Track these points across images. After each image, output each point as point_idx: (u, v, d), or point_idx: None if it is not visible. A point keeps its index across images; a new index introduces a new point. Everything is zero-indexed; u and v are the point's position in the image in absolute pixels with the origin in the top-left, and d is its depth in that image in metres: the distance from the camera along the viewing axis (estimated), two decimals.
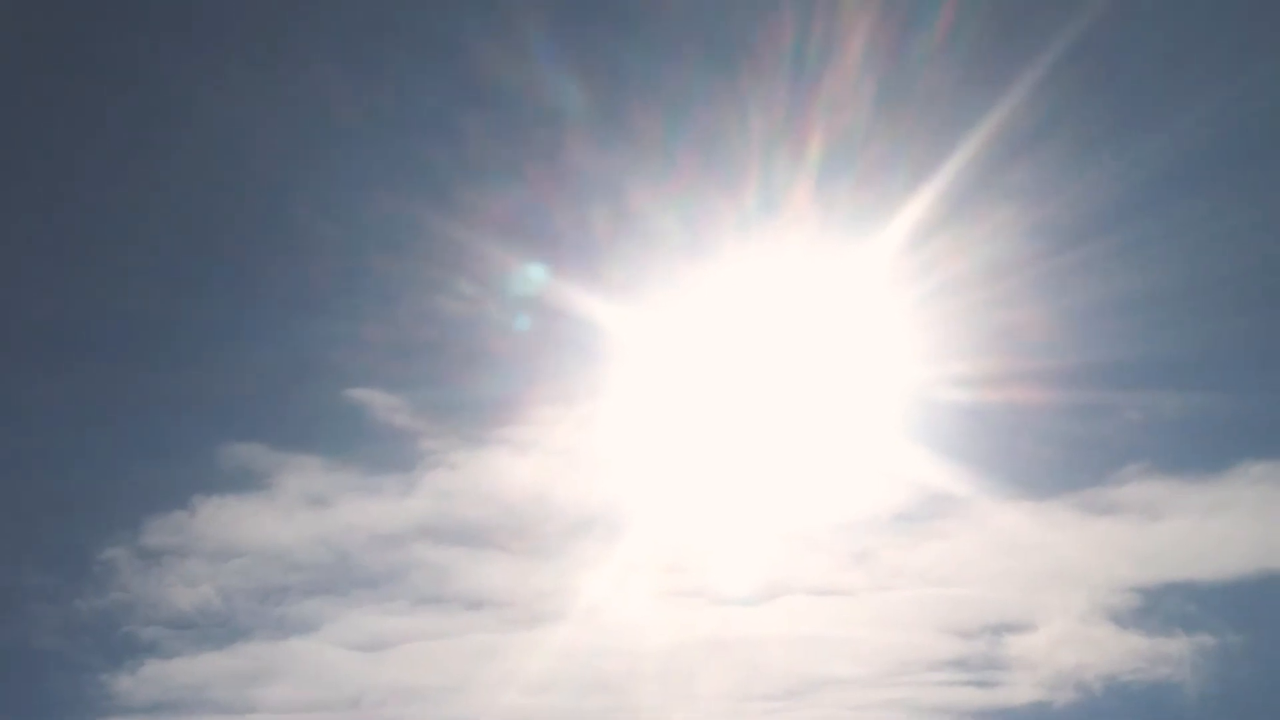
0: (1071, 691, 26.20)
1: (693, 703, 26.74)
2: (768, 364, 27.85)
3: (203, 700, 26.87)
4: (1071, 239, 26.28)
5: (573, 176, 27.80)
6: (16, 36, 28.17)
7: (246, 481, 28.70)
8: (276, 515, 28.72)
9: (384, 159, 28.66)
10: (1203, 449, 27.52)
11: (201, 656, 27.41)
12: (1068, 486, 27.45)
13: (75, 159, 29.04)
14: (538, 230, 27.86)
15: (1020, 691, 26.45)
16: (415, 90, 28.29)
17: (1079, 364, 26.72)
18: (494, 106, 27.88)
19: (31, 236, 29.21)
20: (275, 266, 28.88)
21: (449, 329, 28.43)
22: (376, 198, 28.37)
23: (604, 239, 27.72)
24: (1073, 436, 27.48)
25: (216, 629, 27.63)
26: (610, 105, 27.38)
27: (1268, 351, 26.97)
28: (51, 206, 29.30)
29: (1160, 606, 26.41)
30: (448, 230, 27.55)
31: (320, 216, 28.84)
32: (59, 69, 28.66)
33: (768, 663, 27.15)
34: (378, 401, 28.96)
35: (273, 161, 28.29)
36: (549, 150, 27.82)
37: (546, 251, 27.54)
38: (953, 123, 25.70)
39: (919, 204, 25.73)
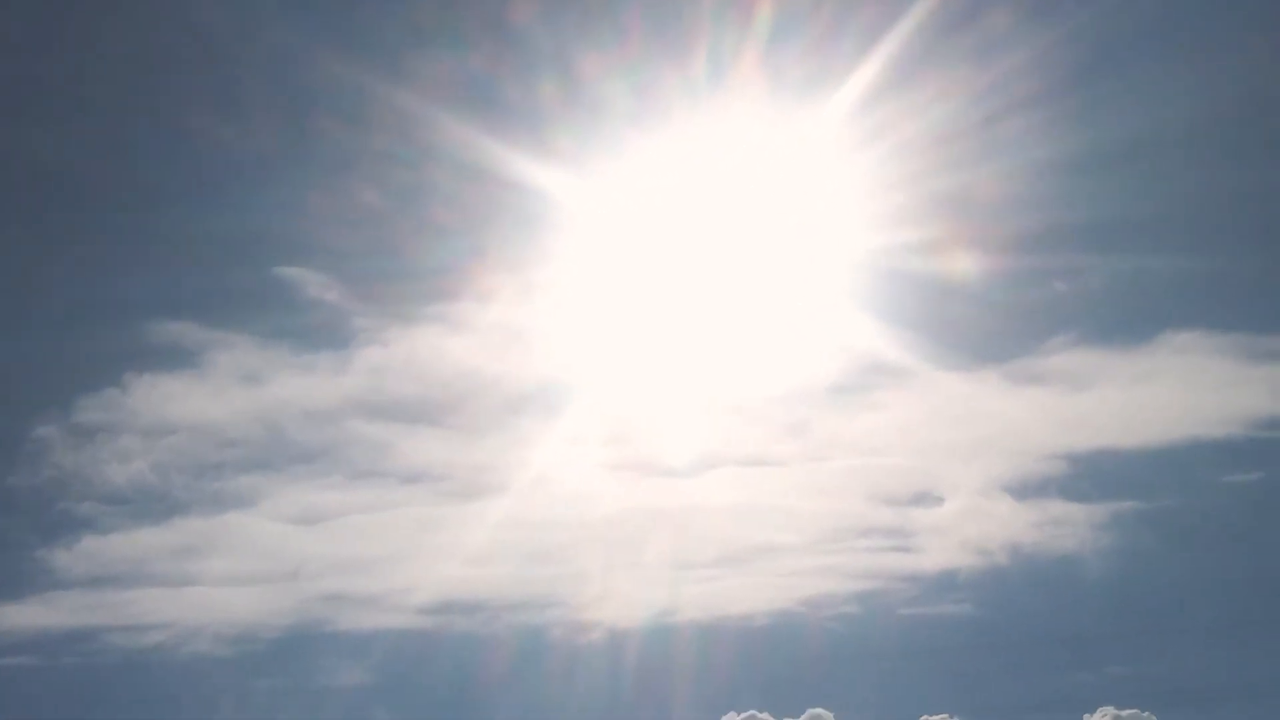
0: (994, 556, 26.76)
1: (633, 570, 27.14)
2: (712, 233, 27.95)
3: (142, 574, 26.93)
4: (1013, 105, 26.42)
5: (520, 44, 27.65)
6: None
7: (178, 359, 28.61)
8: (209, 392, 28.63)
9: (331, 23, 28.19)
10: (1129, 319, 28.03)
11: (139, 531, 27.40)
12: (998, 356, 27.92)
13: (18, 26, 28.28)
14: (484, 98, 27.52)
15: (945, 556, 26.96)
16: None
17: (1014, 230, 27.03)
18: None
19: None
20: (216, 129, 28.36)
21: (393, 198, 28.24)
22: (322, 62, 27.84)
23: (551, 107, 27.50)
24: (1005, 305, 27.83)
25: (153, 504, 27.58)
26: None
27: (1194, 216, 27.40)
28: None
29: (1087, 473, 26.96)
30: (394, 97, 27.23)
31: (265, 79, 28.44)
32: None
33: (705, 531, 27.56)
34: (310, 279, 28.80)
35: (217, 20, 27.77)
36: (495, 17, 27.60)
37: (492, 120, 27.21)
38: None
39: (867, 70, 25.62)
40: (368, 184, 28.15)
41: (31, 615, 26.20)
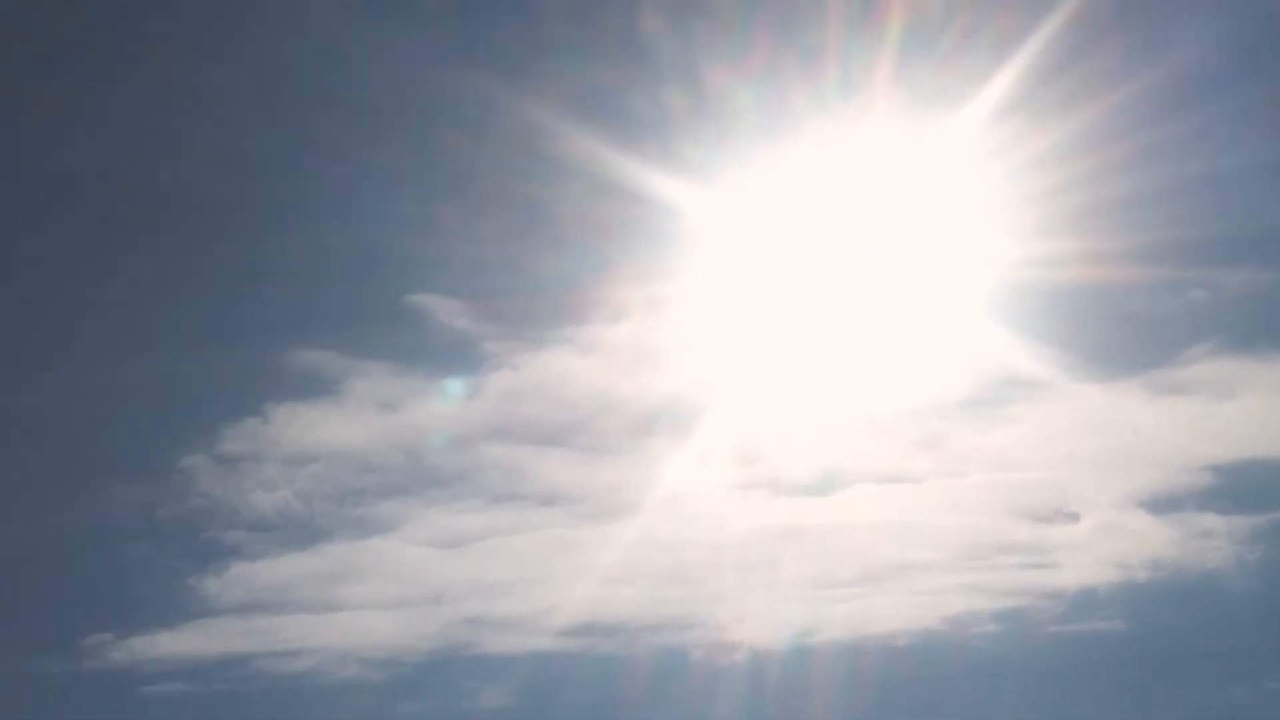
0: (1139, 571, 26.39)
1: (772, 590, 27.06)
2: (843, 246, 27.79)
3: (288, 600, 27.43)
4: (1152, 116, 25.94)
5: (648, 55, 27.44)
6: None
7: (317, 388, 28.99)
8: (348, 420, 29.03)
9: (458, 36, 28.39)
10: (1270, 326, 27.41)
11: (285, 558, 27.92)
12: (1137, 367, 27.46)
13: (147, 39, 28.74)
14: (612, 110, 27.57)
15: (1089, 572, 26.61)
16: None
17: (1150, 242, 26.53)
18: None
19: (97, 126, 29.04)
20: (343, 143, 28.47)
21: (520, 212, 28.45)
22: (449, 75, 28.04)
23: (680, 119, 27.44)
24: (1142, 316, 27.46)
25: (298, 531, 28.09)
26: None
27: None
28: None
29: (1232, 485, 26.46)
30: (521, 110, 27.37)
31: (391, 94, 28.78)
32: None
33: (843, 549, 27.42)
34: (441, 306, 29.11)
35: (344, 34, 28.08)
36: (624, 29, 27.48)
37: (620, 132, 27.16)
38: None
39: (1003, 80, 25.40)
40: (495, 198, 28.15)
41: (183, 642, 26.76)
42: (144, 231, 29.45)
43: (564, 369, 29.22)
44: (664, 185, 26.90)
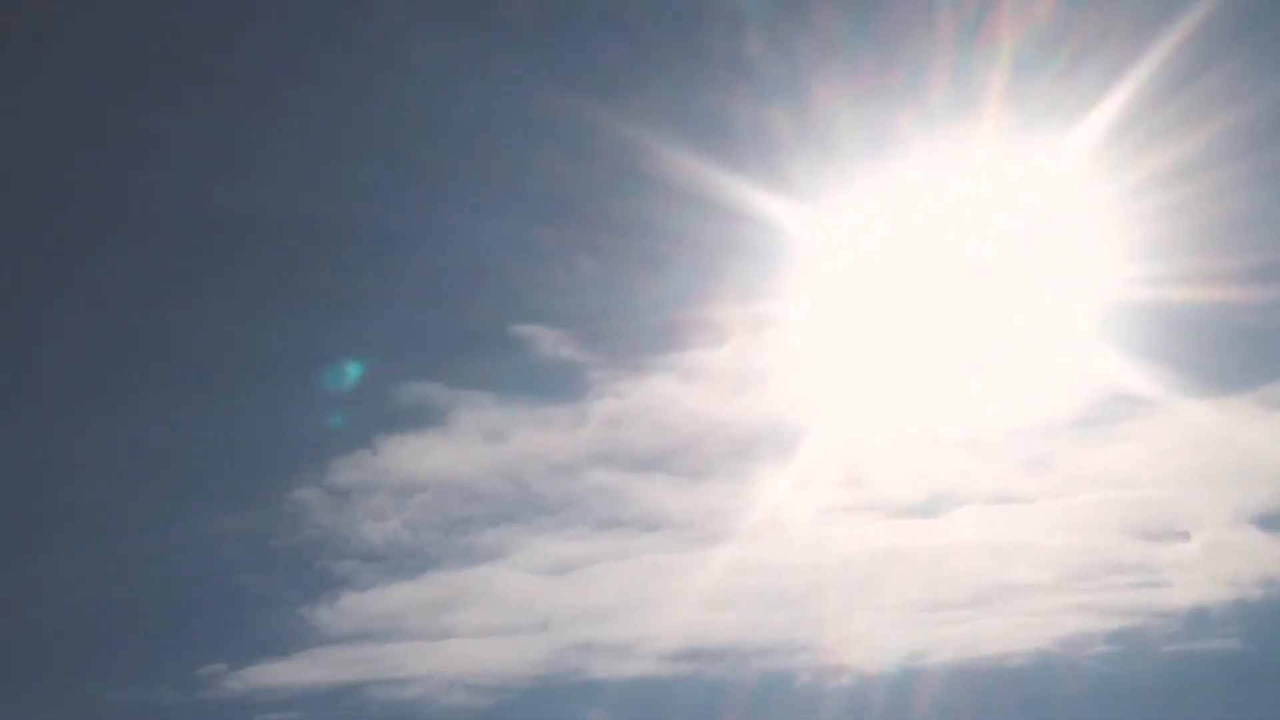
0: (1254, 589, 25.99)
1: (879, 613, 26.95)
2: (951, 267, 27.58)
3: (400, 628, 27.66)
4: (1263, 138, 25.54)
5: (751, 74, 27.30)
6: None
7: (424, 419, 29.27)
8: (455, 450, 29.28)
9: (557, 55, 28.58)
10: None
11: (395, 587, 28.19)
12: (1246, 383, 27.05)
13: (249, 67, 28.99)
14: (717, 132, 27.55)
15: (1203, 590, 26.25)
16: None
17: (1253, 263, 26.07)
18: (670, 4, 27.84)
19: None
20: (442, 166, 28.69)
21: (622, 233, 28.52)
22: (549, 94, 28.12)
23: (784, 138, 27.31)
24: (1250, 332, 26.95)
25: (407, 560, 28.37)
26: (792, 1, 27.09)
27: None
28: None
29: None
30: (623, 129, 27.36)
31: (490, 116, 28.90)
32: None
33: (951, 571, 27.22)
34: (543, 335, 29.28)
35: (439, 56, 28.11)
36: (728, 48, 27.39)
37: (724, 152, 27.03)
38: (1149, 15, 25.08)
39: (1114, 100, 25.12)
40: (597, 221, 28.28)
41: (298, 671, 27.07)
42: (252, 261, 29.87)
43: (666, 394, 29.31)
44: (768, 205, 26.75)
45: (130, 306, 29.06)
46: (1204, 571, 26.37)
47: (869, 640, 26.75)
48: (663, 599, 27.65)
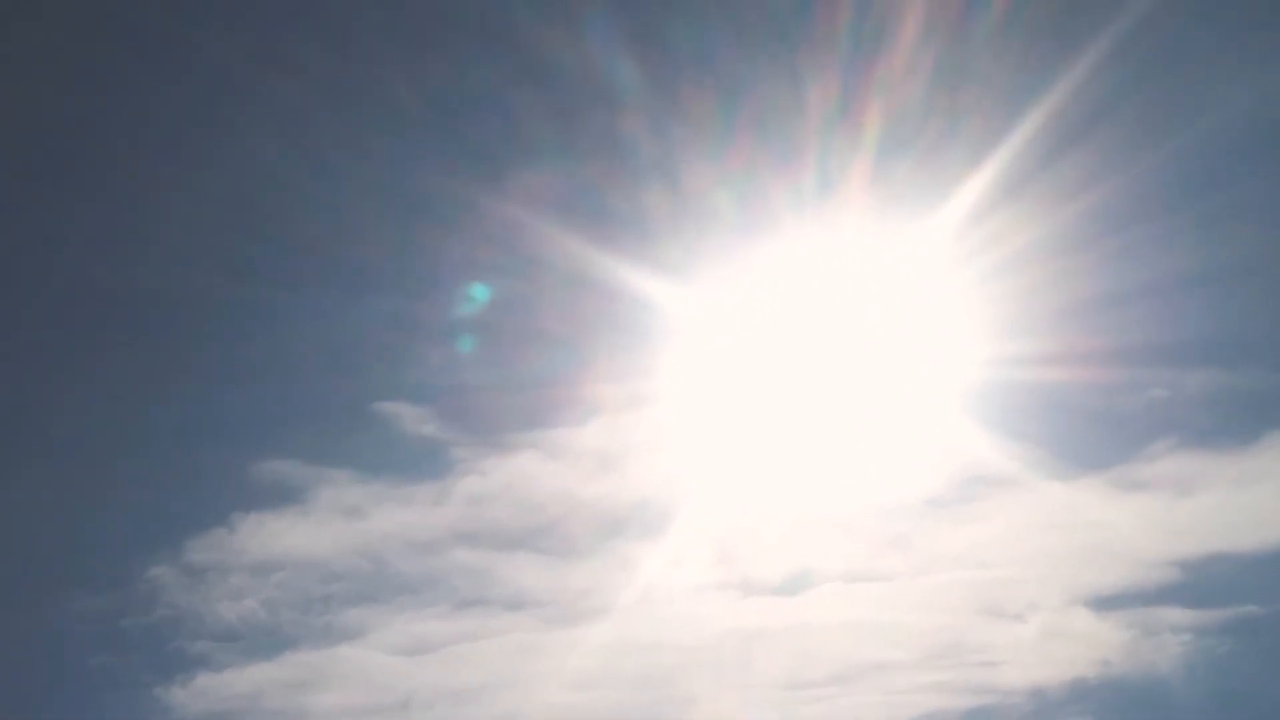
0: (1112, 668, 26.47)
1: (740, 692, 27.00)
2: (815, 347, 27.98)
3: (256, 709, 27.18)
4: (1121, 220, 26.35)
5: (626, 154, 27.69)
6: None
7: (282, 497, 28.99)
8: (313, 528, 29.01)
9: (436, 134, 28.70)
10: (1229, 423, 27.76)
11: (251, 667, 27.72)
12: (1099, 464, 27.67)
13: (116, 144, 28.94)
14: (590, 210, 27.78)
15: (1061, 669, 26.68)
16: (467, 69, 28.25)
17: (1108, 345, 26.86)
18: (546, 86, 27.94)
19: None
20: (319, 241, 28.71)
21: (491, 309, 28.54)
22: (425, 176, 28.30)
23: (658, 218, 27.65)
24: (1102, 414, 27.70)
25: (264, 640, 27.92)
26: (664, 84, 27.41)
27: None
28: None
29: (1199, 579, 26.63)
30: (499, 210, 27.59)
31: (361, 193, 28.96)
32: (107, 59, 28.57)
33: (813, 649, 27.44)
34: (405, 413, 29.15)
35: (322, 132, 28.16)
36: (602, 129, 27.83)
37: (598, 230, 27.37)
38: (1009, 103, 25.80)
39: (976, 183, 25.78)
40: (461, 296, 28.31)
41: None
42: (111, 337, 29.54)
43: (531, 472, 29.31)
44: (636, 283, 27.09)
45: None
46: (1061, 650, 26.87)
47: (733, 719, 26.77)
48: (526, 679, 27.56)
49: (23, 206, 28.69)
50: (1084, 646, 26.59)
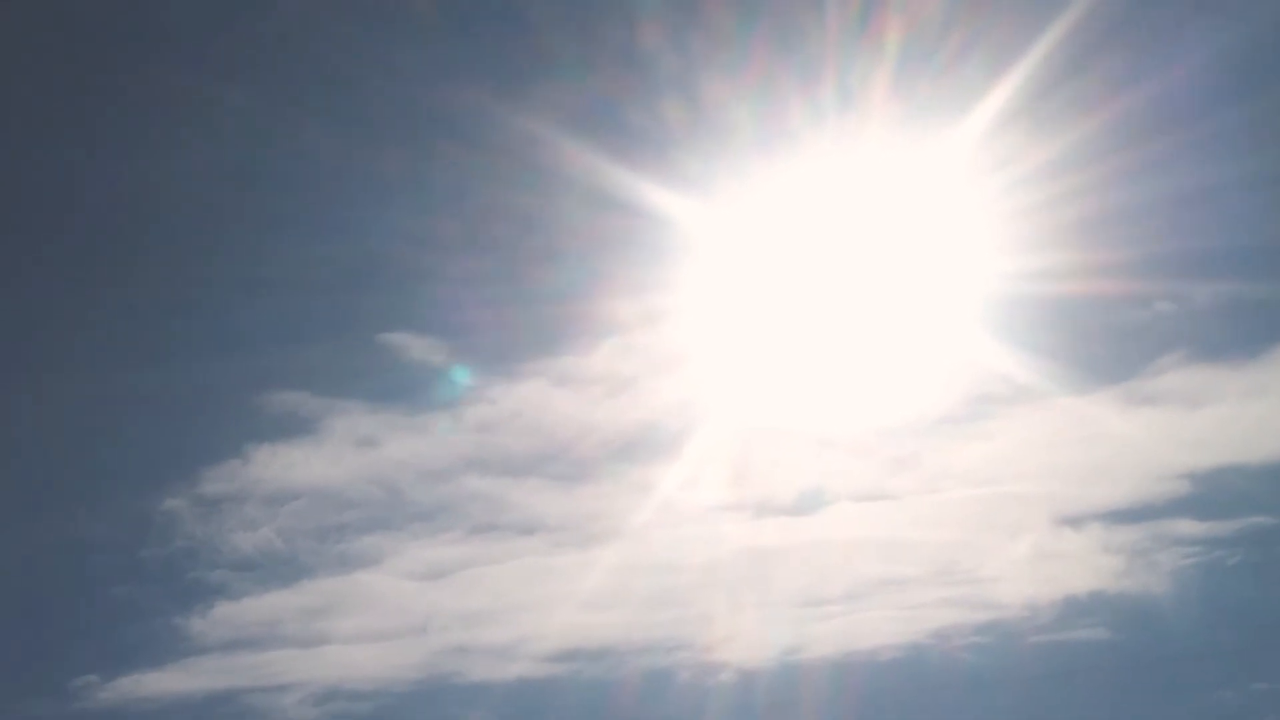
0: (1124, 579, 26.66)
1: (756, 610, 27.26)
2: (829, 263, 27.79)
3: (275, 636, 27.48)
4: (1141, 133, 26.04)
5: (645, 68, 27.26)
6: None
7: (295, 428, 28.99)
8: (327, 458, 29.07)
9: (453, 47, 28.25)
10: (1238, 335, 27.77)
11: (269, 595, 27.93)
12: (1108, 379, 27.65)
13: (135, 46, 28.52)
14: (607, 123, 27.34)
15: (1072, 581, 26.88)
16: None
17: (1118, 259, 26.69)
18: None
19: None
20: (336, 154, 28.32)
21: (516, 224, 28.38)
22: (440, 90, 27.81)
23: (676, 132, 27.23)
24: (1111, 329, 27.69)
25: (280, 568, 28.12)
26: None
27: None
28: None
29: (1211, 492, 26.72)
30: (516, 123, 27.14)
31: (384, 108, 28.57)
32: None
33: (826, 568, 27.60)
34: (414, 343, 29.16)
35: (337, 45, 27.66)
36: (618, 41, 27.32)
37: (616, 144, 26.94)
38: (1030, 14, 25.46)
39: (998, 95, 25.45)
40: (476, 216, 28.09)
41: (172, 681, 26.80)
42: (121, 253, 29.51)
43: (541, 399, 29.30)
44: (651, 199, 26.76)
45: None
46: (1072, 563, 27.01)
47: (748, 637, 27.09)
48: (540, 601, 27.76)
49: (24, 115, 28.37)
50: (1095, 560, 26.79)
